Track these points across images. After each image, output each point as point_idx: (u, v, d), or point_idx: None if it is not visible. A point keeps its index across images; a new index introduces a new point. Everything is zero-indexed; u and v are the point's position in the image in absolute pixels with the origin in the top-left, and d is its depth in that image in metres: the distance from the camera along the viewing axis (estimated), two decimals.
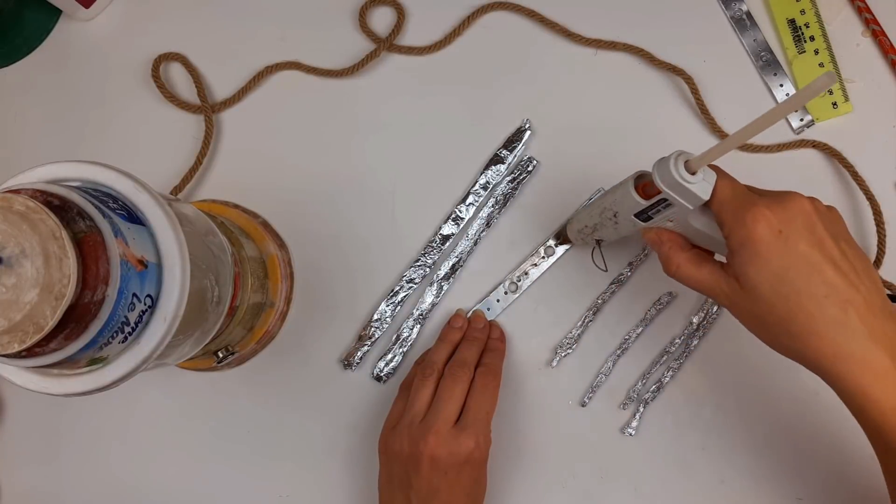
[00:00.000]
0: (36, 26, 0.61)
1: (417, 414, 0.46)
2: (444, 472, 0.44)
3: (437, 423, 0.45)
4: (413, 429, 0.45)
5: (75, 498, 0.55)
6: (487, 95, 0.55)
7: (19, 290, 0.30)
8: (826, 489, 0.49)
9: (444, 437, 0.44)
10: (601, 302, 0.52)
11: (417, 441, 0.44)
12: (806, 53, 0.53)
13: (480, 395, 0.47)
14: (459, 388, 0.46)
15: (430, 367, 0.48)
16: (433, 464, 0.44)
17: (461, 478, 0.44)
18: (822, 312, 0.35)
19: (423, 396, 0.47)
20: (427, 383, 0.47)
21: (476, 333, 0.51)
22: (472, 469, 0.45)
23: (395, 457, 0.46)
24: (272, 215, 0.56)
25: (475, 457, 0.45)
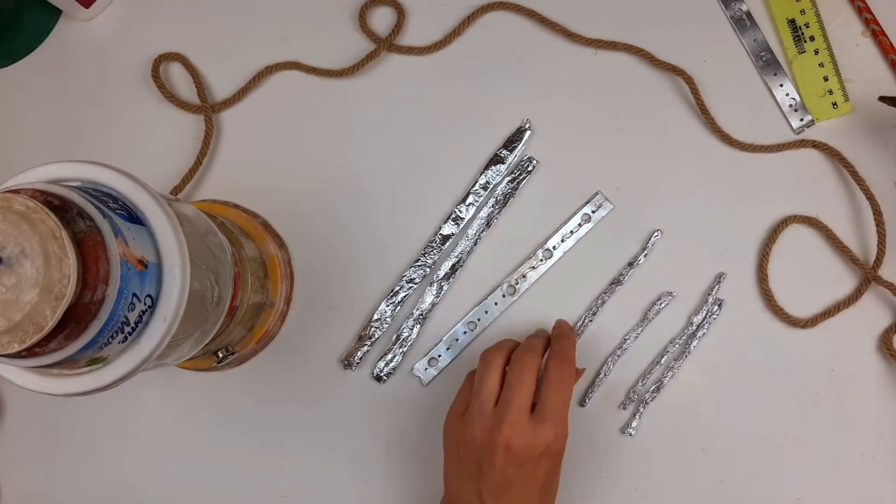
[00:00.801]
0: (36, 26, 0.61)
1: (486, 402, 0.43)
2: (520, 465, 0.41)
3: (510, 411, 0.41)
4: (485, 417, 0.42)
5: (75, 498, 0.55)
6: (487, 95, 0.55)
7: (19, 290, 0.30)
8: (826, 489, 0.49)
9: (520, 426, 0.41)
10: (601, 302, 0.52)
11: (492, 430, 0.41)
12: (806, 53, 0.53)
13: (556, 382, 0.43)
14: (529, 374, 0.43)
15: (494, 353, 0.45)
16: (508, 455, 0.41)
17: (537, 471, 0.42)
18: None
19: (489, 383, 0.43)
20: (492, 370, 0.44)
21: (541, 330, 0.49)
22: (549, 462, 0.42)
23: (466, 445, 0.43)
24: (272, 215, 0.56)
25: (553, 449, 0.42)
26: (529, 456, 0.41)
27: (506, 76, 0.56)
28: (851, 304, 0.50)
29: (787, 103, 0.53)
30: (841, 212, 0.52)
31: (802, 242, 0.51)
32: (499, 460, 0.41)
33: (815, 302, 0.51)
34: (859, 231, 0.51)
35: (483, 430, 0.42)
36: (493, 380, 0.44)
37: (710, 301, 0.51)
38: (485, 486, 0.42)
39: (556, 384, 0.43)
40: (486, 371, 0.44)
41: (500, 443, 0.41)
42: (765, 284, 0.51)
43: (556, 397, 0.42)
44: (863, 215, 0.51)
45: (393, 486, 0.52)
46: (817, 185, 0.52)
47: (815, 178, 0.52)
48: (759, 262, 0.51)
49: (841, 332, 0.50)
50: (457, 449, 0.44)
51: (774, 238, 0.51)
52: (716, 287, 0.51)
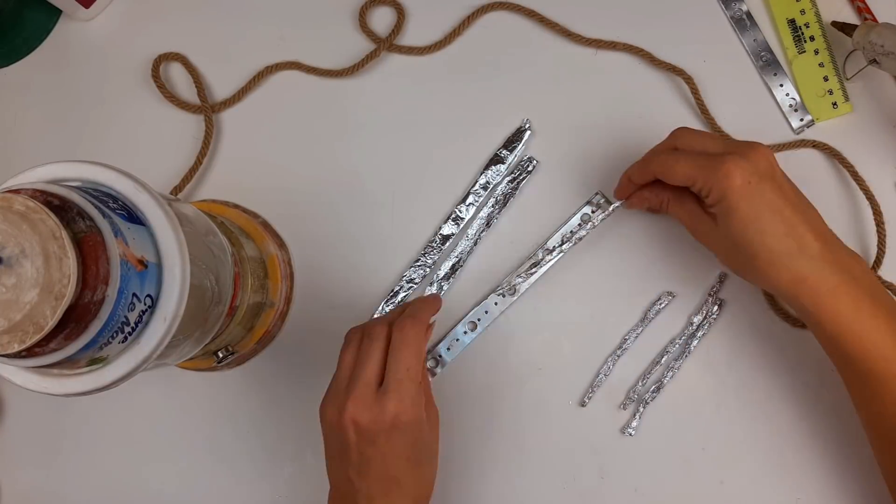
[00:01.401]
0: (36, 26, 0.61)
1: (341, 380, 0.42)
2: (373, 441, 0.40)
3: (356, 387, 0.41)
4: (338, 396, 0.42)
5: (75, 498, 0.55)
6: (487, 95, 0.55)
7: (19, 290, 0.30)
8: (826, 489, 0.49)
9: (364, 402, 0.40)
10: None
11: (341, 409, 0.41)
12: (806, 53, 0.53)
13: (398, 351, 0.42)
14: (376, 346, 0.42)
15: (352, 332, 0.44)
16: (359, 432, 0.40)
17: (393, 444, 0.41)
18: (782, 247, 0.41)
19: (344, 361, 0.43)
20: (349, 348, 0.44)
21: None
22: (404, 433, 0.41)
23: (327, 426, 0.43)
24: (272, 215, 0.56)
25: (402, 420, 0.40)
26: (379, 430, 0.40)
27: (506, 76, 0.56)
28: None
29: (787, 103, 0.53)
30: (841, 212, 0.52)
31: None
32: (352, 439, 0.41)
33: None
34: (859, 231, 0.51)
35: (335, 411, 0.41)
36: (348, 357, 0.43)
37: (711, 301, 0.51)
38: (349, 465, 0.41)
39: (398, 351, 0.42)
40: (345, 349, 0.44)
41: (348, 421, 0.40)
42: None
43: (398, 366, 0.41)
44: (863, 215, 0.51)
45: None
46: (817, 186, 0.52)
47: (815, 178, 0.52)
48: None
49: None
50: (324, 431, 0.43)
51: None
52: (716, 287, 0.51)
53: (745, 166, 0.41)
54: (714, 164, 0.41)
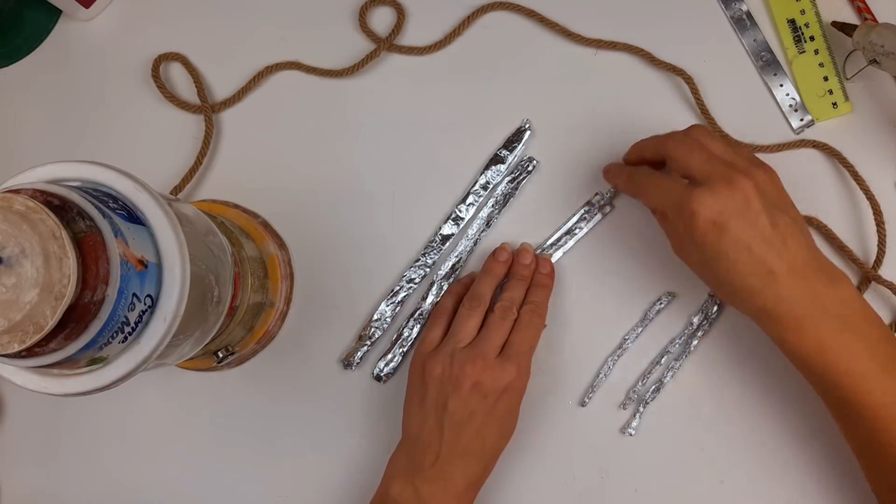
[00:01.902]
0: (36, 26, 0.61)
1: (461, 341, 0.47)
2: (484, 396, 0.45)
3: (483, 350, 0.46)
4: (457, 354, 0.46)
5: (75, 498, 0.55)
6: (487, 95, 0.55)
7: (19, 290, 0.30)
8: (826, 489, 0.49)
9: (488, 363, 0.46)
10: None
11: (463, 364, 0.45)
12: (806, 53, 0.53)
13: (525, 330, 0.48)
14: (507, 323, 0.48)
15: (476, 299, 0.49)
16: (475, 387, 0.45)
17: (498, 405, 0.46)
18: (747, 283, 0.41)
19: (469, 326, 0.48)
20: (474, 314, 0.48)
21: (523, 270, 0.51)
22: (510, 398, 0.46)
23: (433, 379, 0.46)
24: (272, 215, 0.56)
25: (515, 385, 0.46)
26: (493, 389, 0.45)
27: (506, 76, 0.56)
28: None
29: (787, 103, 0.53)
30: (841, 212, 0.52)
31: None
32: (465, 391, 0.45)
33: None
34: (859, 231, 0.51)
35: (455, 365, 0.46)
36: (472, 324, 0.48)
37: (711, 301, 0.51)
38: (448, 416, 0.45)
39: (525, 330, 0.48)
40: (468, 317, 0.48)
41: (468, 375, 0.45)
42: None
43: (523, 342, 0.47)
44: (863, 215, 0.51)
45: None
46: (817, 185, 0.52)
47: (815, 178, 0.52)
48: None
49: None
50: (422, 384, 0.47)
51: None
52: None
53: (712, 205, 0.41)
54: (682, 200, 0.42)
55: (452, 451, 0.45)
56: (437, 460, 0.45)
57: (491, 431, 0.46)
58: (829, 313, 0.41)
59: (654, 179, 0.45)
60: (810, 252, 0.42)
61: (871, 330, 0.42)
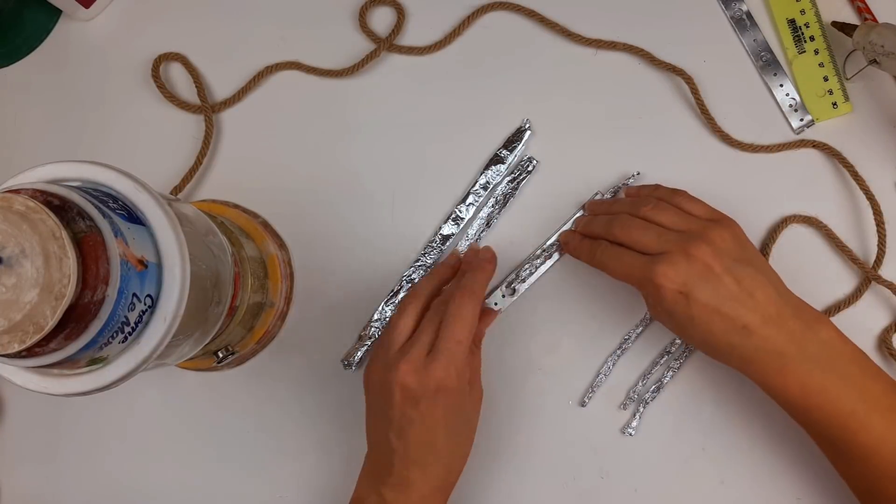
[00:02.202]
0: (36, 26, 0.61)
1: (393, 343, 0.44)
2: (416, 402, 0.42)
3: (411, 351, 0.43)
4: (388, 358, 0.44)
5: (75, 498, 0.55)
6: (487, 95, 0.55)
7: (19, 290, 0.30)
8: (826, 489, 0.49)
9: (413, 365, 0.42)
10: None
11: (389, 369, 0.43)
12: (806, 53, 0.53)
13: (451, 323, 0.43)
14: (435, 317, 0.44)
15: (410, 296, 0.46)
16: (404, 393, 0.42)
17: (435, 408, 0.42)
18: (724, 340, 0.42)
19: (400, 325, 0.45)
20: (406, 312, 0.46)
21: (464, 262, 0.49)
22: (447, 399, 0.43)
23: (370, 388, 0.45)
24: (272, 215, 0.56)
25: (447, 385, 0.42)
26: (424, 393, 0.42)
27: (506, 76, 0.56)
28: (851, 304, 0.50)
29: (787, 103, 0.53)
30: (841, 212, 0.52)
31: (802, 242, 0.51)
32: (397, 399, 0.42)
33: (815, 301, 0.51)
34: (859, 231, 0.51)
35: (384, 370, 0.43)
36: (404, 324, 0.45)
37: None
38: (391, 426, 0.43)
39: (453, 322, 0.43)
40: (399, 316, 0.46)
41: (396, 381, 0.42)
42: None
43: (449, 335, 0.43)
44: (863, 215, 0.51)
45: None
46: (817, 185, 0.52)
47: (815, 178, 0.52)
48: None
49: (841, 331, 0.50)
50: (367, 392, 0.46)
51: (774, 238, 0.51)
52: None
53: (674, 277, 0.42)
54: (644, 276, 0.43)
55: (405, 459, 0.43)
56: (393, 469, 0.43)
57: (437, 434, 0.43)
58: (810, 356, 0.41)
59: (615, 256, 0.45)
60: (781, 298, 0.43)
61: (855, 369, 0.42)
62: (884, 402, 0.41)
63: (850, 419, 0.41)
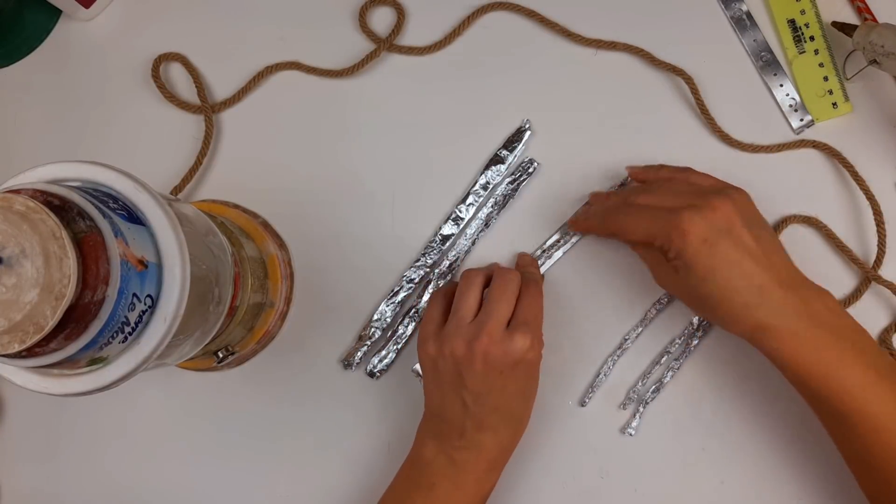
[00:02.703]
0: (36, 26, 0.61)
1: (464, 317, 0.46)
2: (500, 371, 0.44)
3: (489, 322, 0.44)
4: (463, 330, 0.45)
5: (75, 498, 0.55)
6: (487, 95, 0.55)
7: (19, 290, 0.30)
8: (826, 489, 0.49)
9: (497, 336, 0.44)
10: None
11: (471, 341, 0.44)
12: (806, 53, 0.53)
13: (529, 299, 0.47)
14: (510, 292, 0.46)
15: (474, 274, 0.48)
16: (487, 362, 0.44)
17: (515, 376, 0.45)
18: (741, 299, 0.42)
19: (469, 299, 0.47)
20: (473, 288, 0.47)
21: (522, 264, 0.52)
22: (526, 368, 0.45)
23: (444, 358, 0.45)
24: (272, 215, 0.56)
25: (529, 357, 0.45)
26: (507, 363, 0.44)
27: (506, 76, 0.56)
28: (851, 304, 0.50)
29: (787, 103, 0.53)
30: (841, 212, 0.52)
31: (802, 242, 0.51)
32: (478, 367, 0.44)
33: None
34: (859, 231, 0.51)
35: (462, 343, 0.45)
36: (472, 297, 0.47)
37: None
38: (467, 393, 0.45)
39: (529, 300, 0.47)
40: (467, 289, 0.47)
41: (478, 352, 0.44)
42: None
43: (529, 311, 0.46)
44: (863, 215, 0.51)
45: None
46: (817, 185, 0.52)
47: (815, 178, 0.52)
48: None
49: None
50: (434, 364, 0.46)
51: None
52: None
53: (700, 224, 0.42)
54: (669, 223, 0.43)
55: (478, 424, 0.45)
56: (464, 433, 0.45)
57: (513, 400, 0.46)
58: (823, 324, 0.42)
59: (635, 213, 0.45)
60: (792, 266, 0.44)
61: (863, 339, 0.43)
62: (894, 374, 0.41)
63: (861, 389, 0.41)
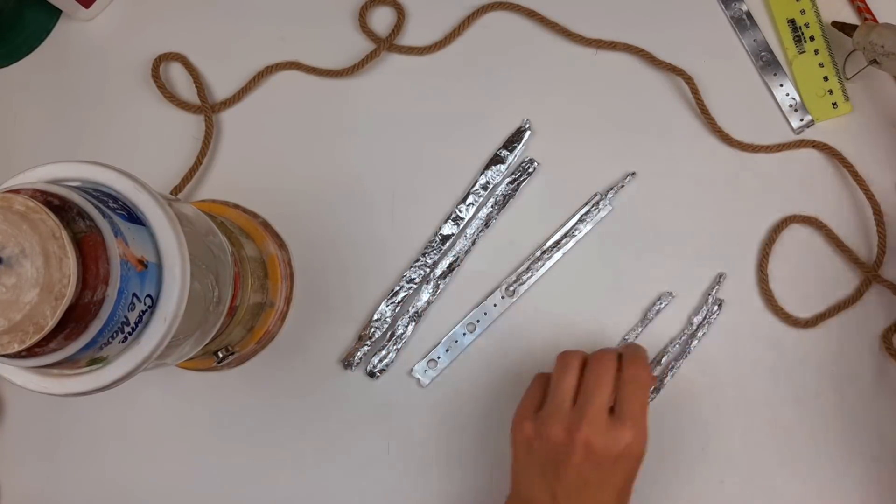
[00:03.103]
0: (36, 26, 0.61)
1: (564, 401, 0.42)
2: (598, 464, 0.40)
3: (590, 409, 0.41)
4: (563, 415, 0.42)
5: (75, 498, 0.55)
6: (487, 95, 0.55)
7: (19, 290, 0.30)
8: (826, 489, 0.49)
9: (600, 426, 0.41)
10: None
11: (570, 429, 0.41)
12: (806, 53, 0.53)
13: (634, 385, 0.42)
14: (608, 375, 0.42)
15: (571, 356, 0.44)
16: (587, 454, 0.40)
17: (615, 472, 0.41)
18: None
19: (567, 381, 0.43)
20: (570, 369, 0.43)
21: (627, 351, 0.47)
22: (627, 464, 0.41)
23: (542, 443, 0.42)
24: (272, 215, 0.56)
25: (633, 451, 0.41)
26: (608, 456, 0.40)
27: (506, 76, 0.56)
28: (852, 304, 0.50)
29: (787, 103, 0.53)
30: (841, 212, 0.52)
31: (803, 242, 0.51)
32: (576, 459, 0.40)
33: (815, 302, 0.51)
34: (859, 231, 0.51)
35: (561, 429, 0.41)
36: (571, 379, 0.43)
37: (710, 301, 0.51)
38: (559, 486, 0.41)
39: (634, 386, 0.42)
40: (565, 370, 0.44)
41: (579, 441, 0.40)
42: (765, 284, 0.51)
43: (634, 399, 0.42)
44: (863, 215, 0.51)
45: (393, 486, 0.52)
46: (817, 185, 0.52)
47: (815, 178, 0.52)
48: (760, 262, 0.51)
49: (841, 331, 0.50)
50: (529, 447, 0.43)
51: (775, 238, 0.51)
52: (716, 287, 0.51)
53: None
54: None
55: None
56: None
57: (610, 499, 0.41)
58: None
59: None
60: None
61: None
62: None
63: None
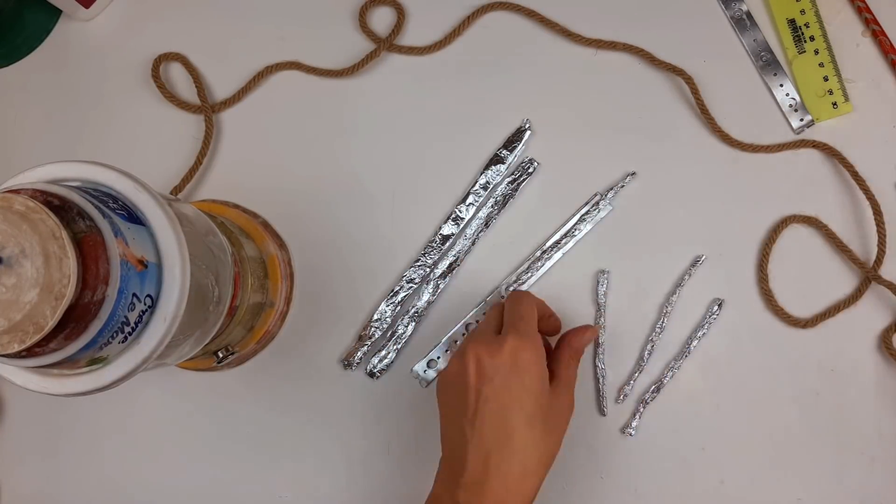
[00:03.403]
0: (36, 26, 0.61)
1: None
2: (491, 378, 0.40)
3: (475, 332, 0.44)
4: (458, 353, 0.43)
5: (75, 497, 0.55)
6: (487, 95, 0.55)
7: (19, 290, 0.30)
8: (826, 489, 0.49)
9: (485, 339, 0.42)
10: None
11: (462, 355, 0.42)
12: (806, 53, 0.53)
13: (512, 303, 0.44)
14: (495, 309, 0.45)
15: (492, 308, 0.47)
16: (478, 370, 0.41)
17: (510, 386, 0.40)
18: None
19: None
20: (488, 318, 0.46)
21: None
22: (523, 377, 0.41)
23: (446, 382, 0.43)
24: (272, 215, 0.56)
25: (522, 358, 0.41)
26: (497, 366, 0.41)
27: (506, 76, 0.56)
28: (852, 304, 0.50)
29: (787, 103, 0.53)
30: (841, 212, 0.52)
31: (802, 242, 0.51)
32: (471, 380, 0.41)
33: (815, 302, 0.51)
34: (859, 231, 0.51)
35: (456, 361, 0.43)
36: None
37: (711, 301, 0.51)
38: (465, 418, 0.41)
39: (513, 303, 0.44)
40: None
41: (469, 360, 0.41)
42: (765, 284, 0.51)
43: (515, 313, 0.43)
44: (863, 215, 0.51)
45: (393, 486, 0.52)
46: (817, 185, 0.52)
47: (815, 178, 0.52)
48: (760, 262, 0.51)
49: (841, 331, 0.50)
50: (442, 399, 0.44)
51: (774, 238, 0.51)
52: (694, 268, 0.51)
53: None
54: None
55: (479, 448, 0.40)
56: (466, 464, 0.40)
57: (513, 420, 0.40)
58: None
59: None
60: None
61: None
62: None
63: None
